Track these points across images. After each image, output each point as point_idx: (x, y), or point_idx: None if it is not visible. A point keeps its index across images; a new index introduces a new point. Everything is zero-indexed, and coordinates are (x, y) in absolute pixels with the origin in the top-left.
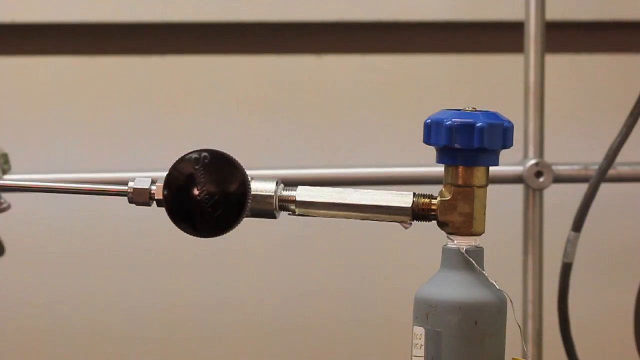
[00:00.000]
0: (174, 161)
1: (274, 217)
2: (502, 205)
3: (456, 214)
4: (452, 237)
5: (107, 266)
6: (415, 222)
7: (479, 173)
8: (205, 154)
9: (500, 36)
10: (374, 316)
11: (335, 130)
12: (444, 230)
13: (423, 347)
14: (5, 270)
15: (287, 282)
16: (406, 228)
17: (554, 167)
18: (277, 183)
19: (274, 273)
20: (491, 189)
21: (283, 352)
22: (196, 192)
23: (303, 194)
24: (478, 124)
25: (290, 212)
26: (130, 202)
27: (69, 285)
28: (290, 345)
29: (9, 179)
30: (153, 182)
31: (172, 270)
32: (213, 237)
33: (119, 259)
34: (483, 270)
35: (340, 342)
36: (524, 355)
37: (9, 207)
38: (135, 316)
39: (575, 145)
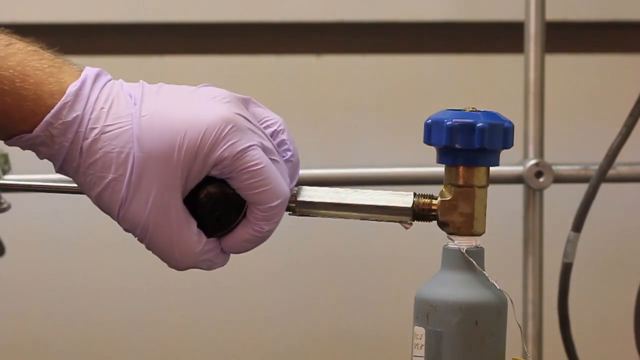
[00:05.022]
0: None
1: None
2: (502, 206)
3: (457, 214)
4: (452, 237)
5: (107, 266)
6: (415, 222)
7: (479, 173)
8: None
9: (500, 36)
10: (375, 316)
11: (335, 130)
12: (444, 231)
13: (424, 347)
14: (6, 270)
15: (286, 281)
16: (407, 228)
17: (554, 167)
18: None
19: (273, 272)
20: (491, 189)
21: (282, 350)
22: (196, 192)
23: (303, 194)
24: (478, 124)
25: (290, 212)
26: None
27: (68, 285)
28: (289, 346)
29: (9, 179)
30: None
31: (171, 273)
32: (213, 237)
33: (119, 259)
34: (483, 270)
35: (340, 342)
36: (524, 355)
37: (9, 207)
38: (135, 315)
39: (575, 145)
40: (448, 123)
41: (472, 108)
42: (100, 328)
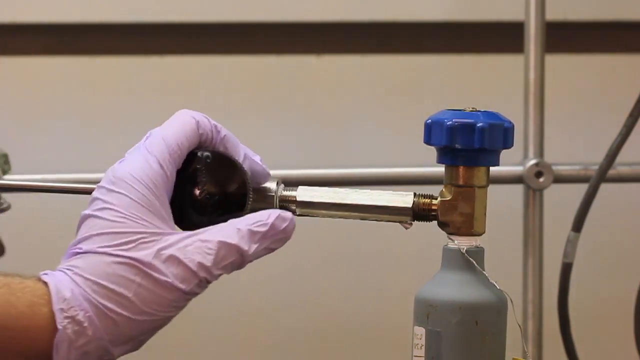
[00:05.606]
0: None
1: None
2: (502, 206)
3: (457, 214)
4: (452, 237)
5: None
6: (415, 222)
7: (479, 173)
8: (206, 154)
9: (500, 36)
10: (375, 316)
11: (336, 130)
12: (444, 231)
13: (423, 347)
14: (6, 270)
15: (286, 282)
16: (407, 228)
17: (554, 167)
18: (277, 183)
19: (273, 273)
20: (491, 189)
21: (282, 353)
22: (197, 192)
23: (304, 194)
24: (479, 124)
25: (291, 212)
26: None
27: None
28: (289, 346)
29: (9, 179)
30: None
31: None
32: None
33: None
34: (483, 270)
35: (340, 342)
36: (524, 355)
37: (9, 207)
38: None
39: (575, 145)
40: (448, 123)
41: (472, 108)
42: None
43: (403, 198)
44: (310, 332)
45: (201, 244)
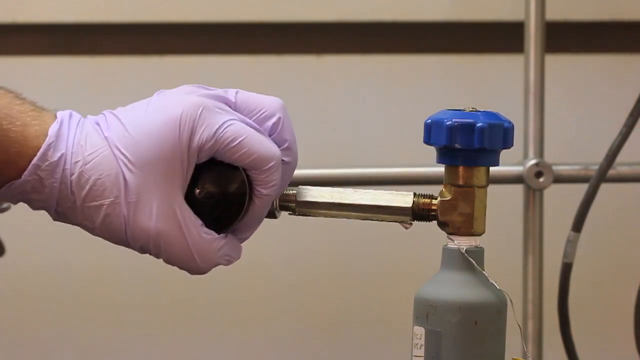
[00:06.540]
0: None
1: (274, 216)
2: (502, 206)
3: (456, 214)
4: (452, 237)
5: (108, 266)
6: (415, 222)
7: (479, 173)
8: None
9: (500, 36)
10: (374, 316)
11: (335, 130)
12: (444, 231)
13: (423, 347)
14: (6, 270)
15: (286, 282)
16: (407, 228)
17: (554, 167)
18: None
19: (273, 273)
20: (491, 189)
21: (282, 352)
22: (196, 192)
23: (303, 193)
24: (478, 124)
25: (290, 212)
26: None
27: (69, 284)
28: (289, 346)
29: None
30: None
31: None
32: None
33: (120, 258)
34: (483, 270)
35: (340, 342)
36: (524, 355)
37: (9, 207)
38: (136, 307)
39: (575, 145)
40: (448, 123)
41: (472, 108)
42: (102, 324)
43: (403, 198)
44: (310, 332)
45: (179, 240)
